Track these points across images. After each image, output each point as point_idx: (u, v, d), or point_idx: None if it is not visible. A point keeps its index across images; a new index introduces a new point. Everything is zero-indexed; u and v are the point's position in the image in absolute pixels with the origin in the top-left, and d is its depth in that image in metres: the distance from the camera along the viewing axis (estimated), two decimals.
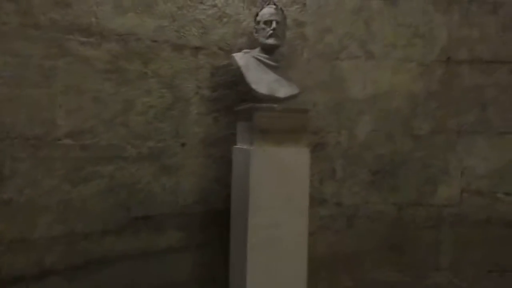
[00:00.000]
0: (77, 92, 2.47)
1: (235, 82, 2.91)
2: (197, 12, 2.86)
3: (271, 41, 2.67)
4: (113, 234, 2.62)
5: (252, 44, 2.87)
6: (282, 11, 2.77)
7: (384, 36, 3.16)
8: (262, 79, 2.65)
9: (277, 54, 2.76)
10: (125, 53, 2.62)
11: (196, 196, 2.90)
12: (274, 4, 2.73)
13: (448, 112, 3.19)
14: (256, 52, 2.76)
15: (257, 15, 2.76)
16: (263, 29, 2.69)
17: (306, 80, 3.02)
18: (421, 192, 3.20)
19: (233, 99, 2.97)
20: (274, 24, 2.66)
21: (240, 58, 2.71)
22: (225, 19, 2.95)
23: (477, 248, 3.20)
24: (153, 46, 2.72)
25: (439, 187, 3.19)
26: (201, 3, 2.87)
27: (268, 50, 2.72)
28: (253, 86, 2.62)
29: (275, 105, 2.59)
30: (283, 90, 2.65)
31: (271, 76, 2.68)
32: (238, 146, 2.76)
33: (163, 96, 2.77)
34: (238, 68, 2.69)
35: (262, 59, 2.71)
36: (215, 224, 2.93)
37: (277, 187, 2.56)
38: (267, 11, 2.70)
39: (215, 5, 2.91)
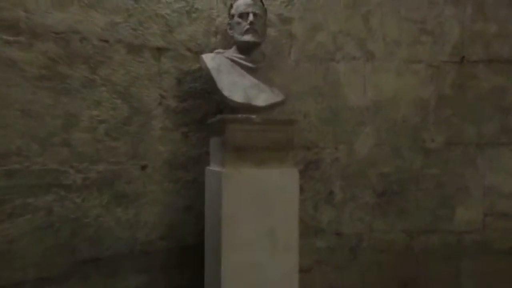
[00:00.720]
0: (1, 105, 1.96)
1: (209, 89, 2.41)
2: (159, 6, 2.38)
3: (247, 37, 2.18)
4: (54, 283, 2.09)
5: (228, 44, 2.38)
6: (262, 2, 2.29)
7: (386, 33, 2.78)
8: (236, 84, 2.14)
9: (256, 54, 2.26)
10: (66, 55, 2.12)
11: (161, 231, 2.38)
12: None
13: (465, 120, 2.81)
14: (231, 52, 2.27)
15: (231, 7, 2.28)
16: (238, 23, 2.21)
17: (295, 86, 2.67)
18: (436, 216, 2.80)
19: (206, 110, 2.48)
20: (251, 17, 2.17)
21: (210, 59, 2.21)
22: (194, 15, 2.47)
23: (504, 282, 2.78)
24: (103, 47, 2.22)
25: (458, 209, 2.81)
26: None
27: (245, 49, 2.23)
28: (225, 92, 2.11)
29: (253, 116, 2.07)
30: (263, 97, 2.14)
31: (248, 80, 2.18)
32: (211, 167, 2.24)
33: (117, 108, 2.26)
34: (207, 72, 2.19)
35: (237, 60, 2.22)
36: (186, 264, 2.40)
37: (257, 218, 2.03)
38: (243, 2, 2.21)
39: None
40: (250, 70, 2.21)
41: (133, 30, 2.30)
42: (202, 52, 2.40)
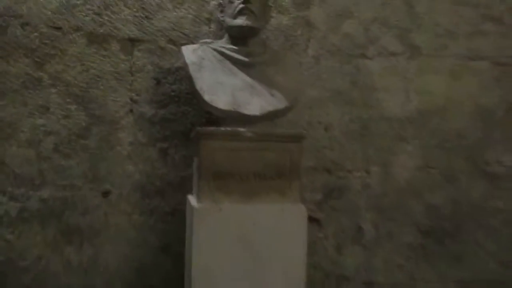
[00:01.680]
0: None
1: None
2: None
3: (240, 21, 1.60)
4: None
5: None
6: None
7: (437, 21, 2.22)
8: (222, 85, 1.56)
9: (254, 44, 1.67)
10: (1, 45, 1.62)
11: (128, 277, 1.83)
12: None
13: None
14: (222, 42, 1.70)
15: None
16: (230, 2, 1.64)
17: (313, 90, 2.15)
18: (503, 263, 2.19)
19: (194, 120, 1.91)
20: None
21: (191, 51, 1.65)
22: None
23: None
24: (55, 36, 1.72)
25: None
26: None
27: (238, 37, 1.66)
28: (206, 96, 1.53)
29: (242, 129, 1.47)
30: (258, 102, 1.54)
31: (239, 79, 1.59)
32: (191, 197, 1.66)
33: (71, 116, 1.75)
34: (186, 68, 1.62)
35: (227, 52, 1.64)
36: None
37: (245, 275, 1.43)
38: None
39: None
40: (244, 66, 1.62)
41: (97, 14, 1.79)
42: (191, 44, 1.83)
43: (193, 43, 1.85)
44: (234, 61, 1.63)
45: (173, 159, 1.89)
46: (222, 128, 1.48)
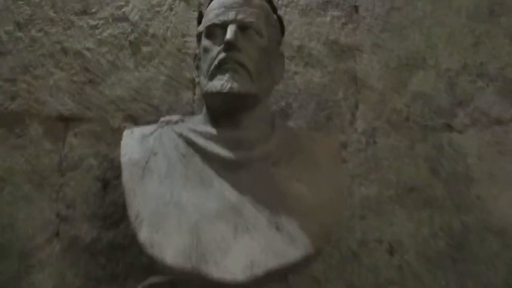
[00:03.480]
0: None
1: None
2: (70, 34, 1.18)
3: (219, 83, 0.86)
4: None
5: None
6: (271, 2, 0.99)
7: None
8: (178, 208, 0.79)
9: (250, 124, 0.91)
10: None
11: None
12: None
13: None
14: (196, 120, 0.96)
15: (200, 17, 1.02)
16: (206, 51, 0.91)
17: (367, 185, 1.34)
18: None
19: None
20: (230, 33, 0.86)
21: (138, 140, 0.92)
22: (146, 48, 1.23)
23: None
24: None
25: None
26: (85, 13, 1.19)
27: (218, 111, 0.91)
28: (143, 233, 0.76)
29: None
30: (246, 249, 0.73)
31: (214, 195, 0.81)
32: None
33: None
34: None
35: (197, 140, 0.89)
36: None
37: None
38: (216, 5, 0.93)
39: (120, 18, 1.22)
40: (228, 167, 0.86)
41: (8, 81, 1.12)
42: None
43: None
44: (210, 158, 0.88)
45: None
46: None
